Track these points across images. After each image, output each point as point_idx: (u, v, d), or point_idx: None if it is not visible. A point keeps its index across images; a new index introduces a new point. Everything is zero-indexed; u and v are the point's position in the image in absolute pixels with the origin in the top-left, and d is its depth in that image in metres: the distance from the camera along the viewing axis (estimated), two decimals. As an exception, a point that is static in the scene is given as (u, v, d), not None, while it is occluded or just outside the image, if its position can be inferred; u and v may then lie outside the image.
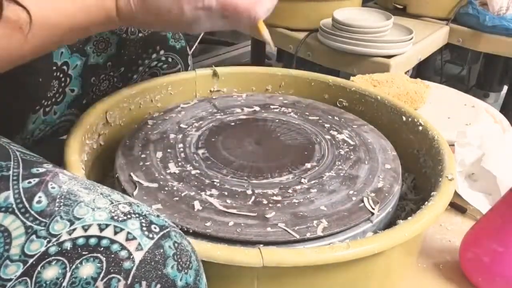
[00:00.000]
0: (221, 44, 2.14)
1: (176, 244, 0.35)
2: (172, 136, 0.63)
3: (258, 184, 0.54)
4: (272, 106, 0.74)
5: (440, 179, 0.55)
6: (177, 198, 0.51)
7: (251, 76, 0.81)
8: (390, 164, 0.60)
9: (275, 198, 0.52)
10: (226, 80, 0.80)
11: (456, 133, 0.71)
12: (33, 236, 0.33)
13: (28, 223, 0.33)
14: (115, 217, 0.35)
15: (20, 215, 0.34)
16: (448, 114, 0.86)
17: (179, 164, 0.57)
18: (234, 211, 0.49)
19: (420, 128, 0.66)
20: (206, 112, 0.71)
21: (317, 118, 0.71)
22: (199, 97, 0.77)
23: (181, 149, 0.60)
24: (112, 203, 0.36)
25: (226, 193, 0.52)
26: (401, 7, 1.50)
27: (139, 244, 0.33)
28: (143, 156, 0.58)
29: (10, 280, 0.32)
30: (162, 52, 0.77)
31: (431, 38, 1.32)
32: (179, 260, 0.35)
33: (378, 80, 0.87)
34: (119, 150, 0.59)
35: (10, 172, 0.36)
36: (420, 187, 0.66)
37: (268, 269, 0.41)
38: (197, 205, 0.50)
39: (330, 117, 0.72)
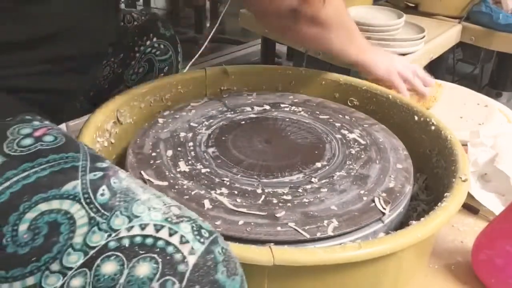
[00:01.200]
0: (231, 43, 2.14)
1: (224, 250, 0.36)
2: (182, 134, 0.63)
3: (268, 183, 0.54)
4: (282, 105, 0.74)
5: (453, 179, 0.54)
6: (187, 197, 0.51)
7: (261, 75, 0.81)
8: (402, 164, 0.60)
9: (285, 197, 0.52)
10: (236, 79, 0.79)
11: (469, 133, 0.70)
12: (95, 228, 0.34)
13: (92, 214, 0.34)
14: (169, 219, 0.35)
15: (85, 205, 0.35)
16: (461, 113, 0.85)
17: (189, 162, 0.57)
18: (244, 210, 0.49)
19: (433, 127, 0.66)
20: (216, 111, 0.70)
21: (328, 117, 0.71)
22: (209, 96, 0.77)
23: (191, 148, 0.60)
24: (165, 204, 0.37)
25: (236, 192, 0.52)
26: (413, 5, 1.49)
27: (192, 248, 0.34)
28: (153, 154, 0.58)
29: (71, 269, 0.32)
30: (155, 39, 0.80)
31: (443, 37, 1.31)
32: (228, 266, 0.35)
33: None
34: (130, 149, 0.60)
35: (80, 163, 0.37)
36: (432, 188, 0.65)
37: (279, 267, 0.41)
38: (207, 203, 0.50)
39: (340, 116, 0.71)
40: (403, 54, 1.15)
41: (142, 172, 0.54)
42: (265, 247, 0.42)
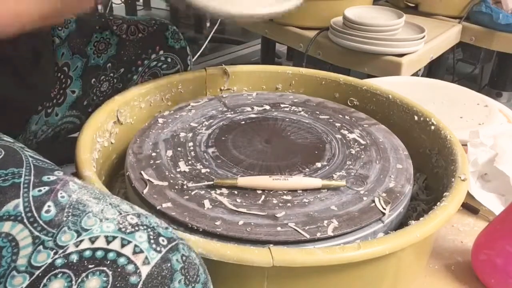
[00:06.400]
0: (231, 43, 2.14)
1: (184, 257, 0.34)
2: (182, 134, 0.63)
3: (268, 183, 0.54)
4: (282, 105, 0.74)
5: (453, 179, 0.54)
6: (187, 197, 0.51)
7: (261, 75, 0.81)
8: (402, 164, 0.60)
9: (285, 197, 0.52)
10: (236, 79, 0.79)
11: (469, 132, 0.70)
12: (40, 247, 0.32)
13: (36, 233, 0.33)
14: (123, 229, 0.34)
15: (28, 225, 0.33)
16: (461, 113, 0.85)
17: (189, 162, 0.57)
18: (244, 210, 0.49)
19: (433, 127, 0.66)
20: (216, 111, 0.71)
21: (328, 117, 0.71)
22: (209, 96, 0.77)
23: (191, 148, 0.60)
24: (120, 213, 0.35)
25: (236, 192, 0.52)
26: (413, 5, 1.49)
27: (146, 257, 0.32)
28: (153, 154, 0.58)
29: None
30: (161, 52, 0.77)
31: (443, 37, 1.31)
32: (187, 274, 0.34)
33: None
34: (130, 149, 0.60)
35: (22, 180, 0.35)
36: (432, 187, 0.65)
37: (278, 269, 0.41)
38: (207, 203, 0.50)
39: (340, 116, 0.71)
40: (403, 54, 1.15)
41: (142, 172, 0.54)
42: (264, 248, 0.42)
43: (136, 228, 0.34)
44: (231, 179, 0.53)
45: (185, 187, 0.52)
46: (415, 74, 1.24)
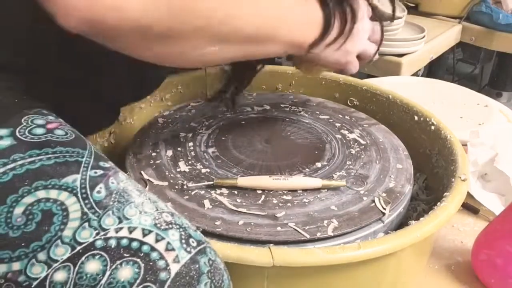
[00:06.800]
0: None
1: (210, 262, 0.35)
2: (182, 134, 0.63)
3: (268, 183, 0.54)
4: (282, 105, 0.74)
5: (453, 179, 0.54)
6: (187, 197, 0.51)
7: (261, 75, 0.81)
8: (402, 164, 0.60)
9: (285, 197, 0.52)
10: (236, 79, 0.79)
11: (469, 132, 0.70)
12: (86, 224, 0.34)
13: (85, 209, 0.34)
14: (158, 225, 0.35)
15: (81, 200, 0.35)
16: (461, 113, 0.85)
17: (189, 162, 0.57)
18: (244, 210, 0.49)
19: (433, 127, 0.66)
20: (216, 111, 0.70)
21: (328, 117, 0.71)
22: (209, 96, 0.77)
23: (191, 148, 0.60)
24: (157, 209, 0.37)
25: (236, 192, 0.52)
26: (413, 5, 1.49)
27: (177, 256, 0.34)
28: (153, 154, 0.58)
29: (56, 261, 0.32)
30: None
31: (443, 37, 1.31)
32: (213, 278, 0.35)
33: None
34: (130, 149, 0.60)
35: (84, 159, 0.38)
36: (432, 188, 0.65)
37: (278, 268, 0.41)
38: (207, 203, 0.50)
39: (340, 116, 0.71)
40: (403, 54, 1.15)
41: (142, 172, 0.54)
42: (264, 248, 0.42)
43: (170, 226, 0.35)
44: (231, 179, 0.53)
45: (185, 187, 0.52)
46: (415, 74, 1.24)
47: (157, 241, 0.34)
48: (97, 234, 0.33)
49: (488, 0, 1.34)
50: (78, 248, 0.33)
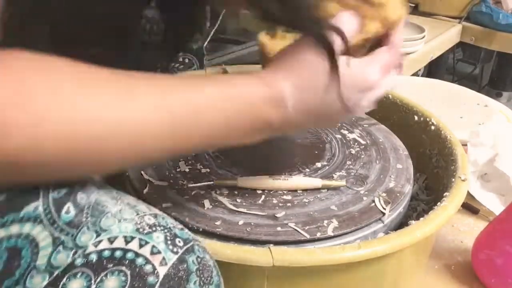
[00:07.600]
0: (230, 43, 2.14)
1: (199, 259, 0.35)
2: (182, 134, 0.63)
3: (268, 183, 0.54)
4: (282, 105, 0.74)
5: (453, 179, 0.54)
6: (187, 197, 0.51)
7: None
8: (402, 164, 0.60)
9: (285, 197, 0.52)
10: (236, 79, 0.79)
11: (469, 132, 0.70)
12: (60, 247, 0.33)
13: (56, 234, 0.33)
14: (141, 229, 0.34)
15: (48, 225, 0.33)
16: (461, 113, 0.85)
17: (190, 162, 0.57)
18: (244, 210, 0.49)
19: (433, 127, 0.66)
20: (216, 111, 0.70)
21: (328, 117, 0.70)
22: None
23: (191, 148, 0.60)
24: (138, 214, 0.35)
25: (236, 192, 0.52)
26: (413, 5, 1.49)
27: (164, 258, 0.33)
28: (153, 154, 0.58)
29: None
30: (180, 53, 0.77)
31: (443, 37, 1.31)
32: (201, 276, 0.34)
33: None
34: (130, 149, 0.59)
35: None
36: (432, 188, 0.65)
37: (278, 268, 0.41)
38: (207, 203, 0.50)
39: (340, 116, 0.71)
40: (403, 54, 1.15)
41: (142, 172, 0.54)
42: (264, 248, 0.42)
43: (154, 229, 0.35)
44: (231, 179, 0.53)
45: (185, 187, 0.52)
46: (415, 74, 1.24)
47: (141, 246, 0.33)
48: (75, 253, 0.32)
49: (488, 0, 1.35)
50: (57, 272, 0.32)
